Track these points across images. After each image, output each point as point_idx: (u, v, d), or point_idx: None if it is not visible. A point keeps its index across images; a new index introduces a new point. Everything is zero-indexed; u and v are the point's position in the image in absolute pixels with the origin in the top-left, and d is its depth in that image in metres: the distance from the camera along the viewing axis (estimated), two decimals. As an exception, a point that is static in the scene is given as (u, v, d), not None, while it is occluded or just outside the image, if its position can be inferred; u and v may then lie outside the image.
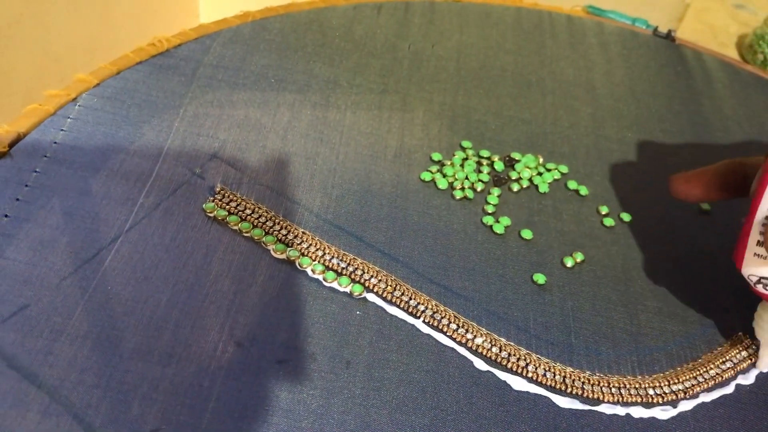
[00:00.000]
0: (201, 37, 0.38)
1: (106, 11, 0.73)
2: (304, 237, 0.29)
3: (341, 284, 0.27)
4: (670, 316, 0.29)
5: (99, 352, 0.24)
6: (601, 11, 0.48)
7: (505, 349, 0.26)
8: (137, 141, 0.31)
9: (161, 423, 0.22)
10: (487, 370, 0.26)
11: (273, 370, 0.24)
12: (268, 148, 0.33)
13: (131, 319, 0.25)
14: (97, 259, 0.26)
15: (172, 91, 0.34)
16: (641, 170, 0.35)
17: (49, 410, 0.22)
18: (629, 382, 0.26)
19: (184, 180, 0.30)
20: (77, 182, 0.29)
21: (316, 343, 0.25)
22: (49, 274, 0.26)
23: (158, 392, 0.23)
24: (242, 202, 0.29)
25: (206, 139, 0.32)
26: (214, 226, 0.29)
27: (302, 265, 0.28)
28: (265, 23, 0.40)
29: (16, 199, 0.28)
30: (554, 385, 0.25)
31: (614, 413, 0.25)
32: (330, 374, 0.25)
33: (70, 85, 0.33)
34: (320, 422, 0.23)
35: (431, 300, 0.27)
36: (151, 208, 0.29)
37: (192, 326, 0.25)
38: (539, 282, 0.29)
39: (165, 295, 0.26)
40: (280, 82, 0.36)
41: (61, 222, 0.27)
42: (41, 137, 0.30)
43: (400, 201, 0.31)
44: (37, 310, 0.24)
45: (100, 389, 0.23)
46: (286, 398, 0.24)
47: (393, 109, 0.36)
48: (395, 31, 0.42)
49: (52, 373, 0.23)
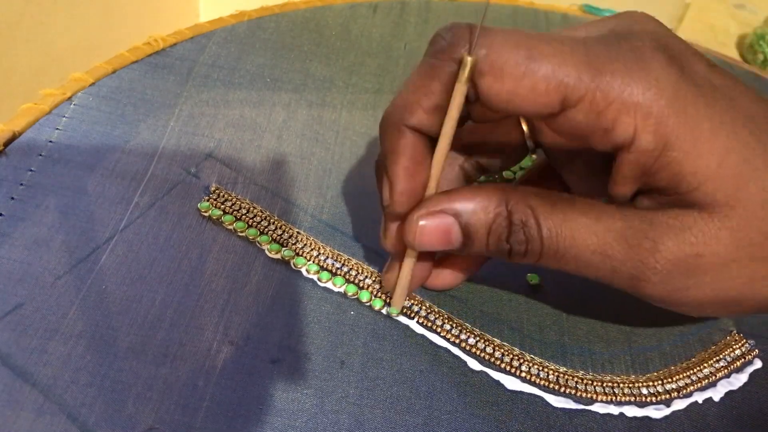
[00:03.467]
0: (196, 36, 0.38)
1: (106, 12, 0.73)
2: (299, 237, 0.29)
3: (336, 284, 0.27)
4: (663, 315, 0.29)
5: (93, 350, 0.24)
6: (598, 10, 0.48)
7: (499, 349, 0.26)
8: (132, 140, 0.31)
9: (155, 422, 0.22)
10: (481, 370, 0.26)
11: (267, 369, 0.24)
12: (263, 147, 0.33)
13: (126, 318, 0.25)
14: (91, 258, 0.26)
15: (167, 90, 0.34)
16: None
17: (43, 409, 0.22)
18: (623, 381, 0.26)
19: (179, 179, 0.30)
20: (72, 181, 0.29)
21: (311, 342, 0.25)
22: (43, 272, 0.26)
23: (152, 391, 0.23)
24: (237, 201, 0.29)
25: (201, 138, 0.32)
26: (209, 226, 0.29)
27: (297, 265, 0.28)
28: (261, 22, 0.40)
29: (11, 198, 0.28)
30: (548, 384, 0.25)
31: (608, 412, 0.25)
32: (324, 374, 0.25)
33: (65, 83, 0.33)
34: (314, 421, 0.23)
35: (425, 301, 0.27)
36: (146, 208, 0.29)
37: (186, 325, 0.25)
38: (533, 282, 0.29)
39: (159, 294, 0.26)
40: (276, 82, 0.36)
41: (56, 221, 0.27)
42: (36, 136, 0.30)
43: (395, 200, 0.31)
44: (32, 308, 0.25)
45: (94, 388, 0.23)
46: (280, 398, 0.24)
47: (389, 109, 0.36)
48: (391, 31, 0.42)
49: (46, 371, 0.23)
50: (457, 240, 0.23)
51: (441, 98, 0.21)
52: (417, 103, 0.22)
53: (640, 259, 0.21)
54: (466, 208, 0.22)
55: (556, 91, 0.20)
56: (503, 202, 0.22)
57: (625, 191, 0.22)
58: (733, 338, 0.28)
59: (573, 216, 0.22)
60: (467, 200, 0.23)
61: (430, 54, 0.22)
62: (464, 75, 0.20)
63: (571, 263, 0.22)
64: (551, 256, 0.22)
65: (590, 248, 0.22)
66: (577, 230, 0.22)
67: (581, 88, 0.20)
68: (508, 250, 0.23)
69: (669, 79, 0.20)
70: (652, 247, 0.21)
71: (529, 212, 0.22)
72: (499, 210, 0.22)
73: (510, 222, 0.22)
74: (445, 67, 0.21)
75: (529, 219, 0.22)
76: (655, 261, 0.21)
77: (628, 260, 0.21)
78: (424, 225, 0.23)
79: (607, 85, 0.20)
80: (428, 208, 0.23)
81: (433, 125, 0.22)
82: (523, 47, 0.20)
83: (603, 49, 0.20)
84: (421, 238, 0.23)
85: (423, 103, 0.22)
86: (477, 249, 0.23)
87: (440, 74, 0.21)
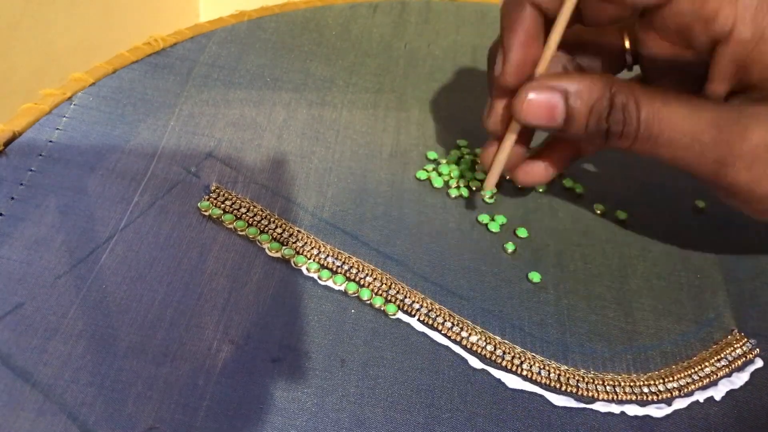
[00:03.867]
0: (197, 36, 0.38)
1: (106, 12, 0.73)
2: (300, 235, 0.29)
3: (336, 283, 0.27)
4: (665, 314, 0.29)
5: (93, 350, 0.24)
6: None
7: (500, 347, 0.26)
8: (132, 140, 0.31)
9: (155, 421, 0.22)
10: (482, 368, 0.26)
11: (268, 368, 0.24)
12: (263, 146, 0.33)
13: (126, 317, 0.25)
14: (92, 258, 0.26)
15: (167, 90, 0.34)
16: (637, 168, 0.35)
17: (43, 409, 0.22)
18: (624, 380, 0.26)
19: (179, 179, 0.30)
20: (72, 181, 0.29)
21: (311, 341, 0.25)
22: (43, 272, 0.26)
23: (153, 390, 0.23)
24: (237, 200, 0.29)
25: (202, 138, 0.32)
26: (209, 225, 0.29)
27: (297, 264, 0.28)
28: (261, 22, 0.40)
29: (11, 198, 0.28)
30: (549, 383, 0.25)
31: (609, 411, 0.25)
32: (325, 372, 0.25)
33: (65, 83, 0.33)
34: (315, 420, 0.23)
35: (426, 298, 0.27)
36: (146, 207, 0.29)
37: (187, 325, 0.25)
38: (534, 280, 0.29)
39: (160, 293, 0.26)
40: (276, 81, 0.36)
41: (56, 220, 0.27)
42: (37, 136, 0.30)
43: (395, 200, 0.31)
44: (32, 308, 0.25)
45: (94, 387, 0.23)
46: (280, 397, 0.24)
47: (389, 108, 0.36)
48: (391, 31, 0.42)
49: (47, 371, 0.23)
50: (561, 117, 0.25)
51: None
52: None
53: (729, 142, 0.23)
54: (573, 87, 0.24)
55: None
56: (608, 86, 0.24)
57: (720, 89, 0.24)
58: (735, 337, 0.28)
59: (670, 102, 0.23)
60: (576, 81, 0.24)
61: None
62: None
63: (663, 147, 0.24)
64: (645, 139, 0.24)
65: (683, 131, 0.23)
66: (673, 115, 0.23)
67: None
68: (606, 130, 0.24)
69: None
70: (741, 132, 0.23)
71: (630, 96, 0.24)
72: (604, 91, 0.24)
73: (612, 103, 0.24)
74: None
75: (629, 102, 0.24)
76: (743, 145, 0.23)
77: (717, 143, 0.23)
78: (532, 98, 0.25)
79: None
80: (539, 82, 0.25)
81: (552, 2, 0.24)
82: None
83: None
84: (528, 110, 0.25)
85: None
86: (578, 128, 0.25)
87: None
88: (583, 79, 0.24)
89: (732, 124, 0.23)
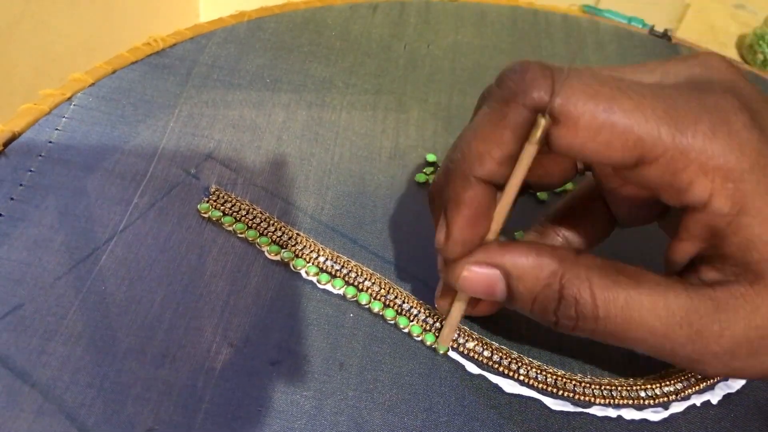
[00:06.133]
0: (196, 36, 0.38)
1: (107, 11, 0.73)
2: (299, 238, 0.29)
3: (335, 286, 0.27)
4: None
5: (93, 351, 0.24)
6: (597, 10, 0.48)
7: (497, 352, 0.26)
8: (132, 141, 0.31)
9: (154, 423, 0.22)
10: (479, 373, 0.26)
11: (266, 371, 0.24)
12: (263, 148, 0.33)
13: (125, 319, 0.25)
14: (91, 259, 0.26)
15: (167, 90, 0.34)
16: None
17: (42, 409, 0.22)
18: (621, 384, 0.26)
19: (178, 180, 0.30)
20: (72, 182, 0.29)
21: (310, 344, 0.26)
22: (43, 273, 0.26)
23: (151, 392, 0.23)
24: (237, 203, 0.29)
25: (201, 139, 0.32)
26: (209, 227, 0.29)
27: (296, 267, 0.28)
28: (261, 23, 0.40)
29: (10, 198, 0.28)
30: (546, 387, 0.25)
31: (606, 415, 0.25)
32: (323, 376, 0.25)
33: (65, 84, 0.33)
34: (313, 423, 0.23)
35: (424, 303, 0.27)
36: (145, 208, 0.29)
37: (186, 327, 0.25)
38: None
39: (159, 295, 0.26)
40: (276, 82, 0.36)
41: (55, 221, 0.27)
42: (36, 136, 0.30)
43: (394, 203, 0.32)
44: (31, 309, 0.25)
45: (93, 389, 0.23)
46: (279, 399, 0.24)
47: (388, 110, 0.36)
48: (391, 31, 0.42)
49: (46, 372, 0.23)
50: (501, 295, 0.22)
51: (512, 148, 0.20)
52: (488, 154, 0.20)
53: (704, 344, 0.20)
54: (515, 268, 0.22)
55: (633, 148, 0.19)
56: (557, 273, 0.21)
57: (688, 250, 0.21)
58: (732, 341, 0.28)
59: (636, 296, 0.21)
60: (522, 257, 0.22)
61: (499, 99, 0.20)
62: (536, 137, 0.19)
63: (627, 343, 0.21)
64: (606, 335, 0.21)
65: (651, 331, 0.21)
66: (639, 312, 0.21)
67: (660, 146, 0.19)
68: (554, 322, 0.22)
69: (751, 143, 0.19)
70: (717, 332, 0.20)
71: (585, 284, 0.21)
72: (551, 281, 0.21)
73: (561, 296, 0.21)
74: (517, 114, 0.20)
75: (582, 293, 0.21)
76: (719, 346, 0.20)
77: (690, 344, 0.21)
78: (466, 276, 0.22)
79: (688, 145, 0.19)
80: (477, 258, 0.22)
81: (502, 176, 0.21)
82: (602, 99, 0.19)
83: (685, 104, 0.19)
84: (464, 285, 0.22)
85: (494, 154, 0.20)
86: (522, 309, 0.23)
87: (511, 122, 0.20)
88: (529, 257, 0.21)
89: (707, 322, 0.20)
